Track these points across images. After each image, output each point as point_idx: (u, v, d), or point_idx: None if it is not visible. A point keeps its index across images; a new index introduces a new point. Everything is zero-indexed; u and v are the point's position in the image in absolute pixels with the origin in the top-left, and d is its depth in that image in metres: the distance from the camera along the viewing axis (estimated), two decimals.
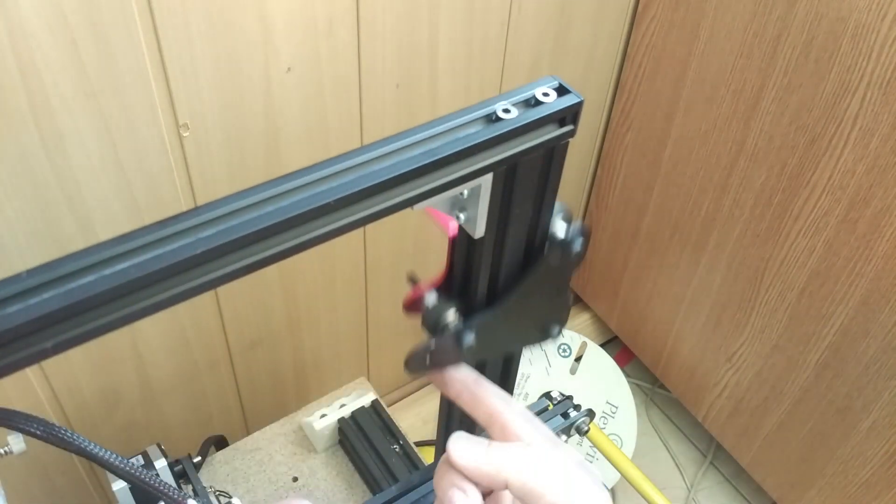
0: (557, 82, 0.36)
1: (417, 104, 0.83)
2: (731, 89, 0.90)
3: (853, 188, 0.81)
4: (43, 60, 0.56)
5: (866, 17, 0.73)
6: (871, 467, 0.94)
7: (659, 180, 1.06)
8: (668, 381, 1.24)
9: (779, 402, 1.03)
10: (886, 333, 0.85)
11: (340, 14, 0.70)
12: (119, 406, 0.82)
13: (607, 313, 1.31)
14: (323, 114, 0.75)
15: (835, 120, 0.80)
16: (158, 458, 0.65)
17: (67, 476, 0.84)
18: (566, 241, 0.40)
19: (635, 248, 1.16)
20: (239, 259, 0.29)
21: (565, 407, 0.59)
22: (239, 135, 0.71)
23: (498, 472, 0.36)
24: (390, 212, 0.32)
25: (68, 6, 0.54)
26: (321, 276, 0.90)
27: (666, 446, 1.31)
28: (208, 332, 0.84)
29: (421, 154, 0.32)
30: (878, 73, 0.74)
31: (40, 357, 0.25)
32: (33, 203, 0.63)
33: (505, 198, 0.37)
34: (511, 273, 0.43)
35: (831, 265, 0.88)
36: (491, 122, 0.34)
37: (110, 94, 0.60)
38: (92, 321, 0.26)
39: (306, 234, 0.30)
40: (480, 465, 0.36)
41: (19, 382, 0.72)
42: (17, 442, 0.53)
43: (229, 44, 0.64)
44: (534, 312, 0.46)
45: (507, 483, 0.36)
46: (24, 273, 0.25)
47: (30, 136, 0.59)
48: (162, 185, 0.69)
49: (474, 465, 0.36)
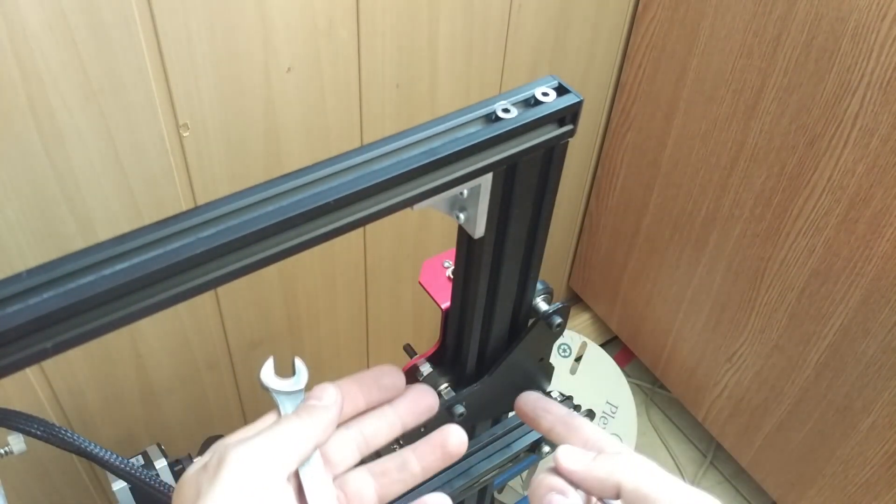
0: (557, 82, 0.36)
1: (417, 104, 0.83)
2: (731, 89, 0.90)
3: (853, 188, 0.81)
4: (43, 60, 0.56)
5: (866, 17, 0.73)
6: (871, 467, 0.94)
7: (659, 180, 1.06)
8: (668, 381, 1.24)
9: (779, 402, 1.03)
10: (886, 333, 0.85)
11: (340, 14, 0.70)
12: (119, 406, 0.82)
13: (607, 313, 1.31)
14: (323, 114, 0.75)
15: (835, 120, 0.80)
16: (158, 458, 0.65)
17: (67, 476, 0.84)
18: (548, 312, 0.45)
19: (635, 248, 1.16)
20: (239, 259, 0.29)
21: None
22: (239, 135, 0.71)
23: (610, 474, 0.36)
24: (390, 212, 0.32)
25: (68, 6, 0.54)
26: (321, 276, 0.90)
27: (666, 446, 1.31)
28: (208, 332, 0.84)
29: (421, 154, 0.32)
30: (878, 73, 0.74)
31: (40, 357, 0.25)
32: (33, 203, 0.63)
33: (505, 197, 0.37)
34: (499, 342, 0.47)
35: (831, 265, 0.88)
36: (491, 122, 0.34)
37: (110, 94, 0.60)
38: (92, 321, 0.26)
39: (306, 234, 0.30)
40: (591, 468, 0.37)
41: (19, 382, 0.72)
42: (18, 442, 0.53)
43: (229, 44, 0.64)
44: (519, 380, 0.49)
45: (619, 487, 0.36)
46: (24, 273, 0.25)
47: (30, 136, 0.59)
48: (162, 185, 0.69)
49: (585, 468, 0.37)
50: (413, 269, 0.99)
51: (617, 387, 1.25)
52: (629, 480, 0.36)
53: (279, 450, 0.33)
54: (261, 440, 0.33)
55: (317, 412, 0.36)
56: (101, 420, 0.82)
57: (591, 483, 0.37)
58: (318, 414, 0.36)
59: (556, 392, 0.57)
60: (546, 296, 0.47)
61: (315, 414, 0.35)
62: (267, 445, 0.33)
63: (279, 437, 0.34)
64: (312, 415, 0.35)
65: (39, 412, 0.75)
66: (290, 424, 0.35)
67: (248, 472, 0.32)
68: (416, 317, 1.07)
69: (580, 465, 0.37)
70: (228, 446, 0.33)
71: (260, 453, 0.32)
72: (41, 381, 0.73)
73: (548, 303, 0.47)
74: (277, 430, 0.34)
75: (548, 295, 0.47)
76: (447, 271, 0.46)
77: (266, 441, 0.33)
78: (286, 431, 0.34)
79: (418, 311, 1.06)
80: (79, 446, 0.49)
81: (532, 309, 0.46)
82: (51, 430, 0.48)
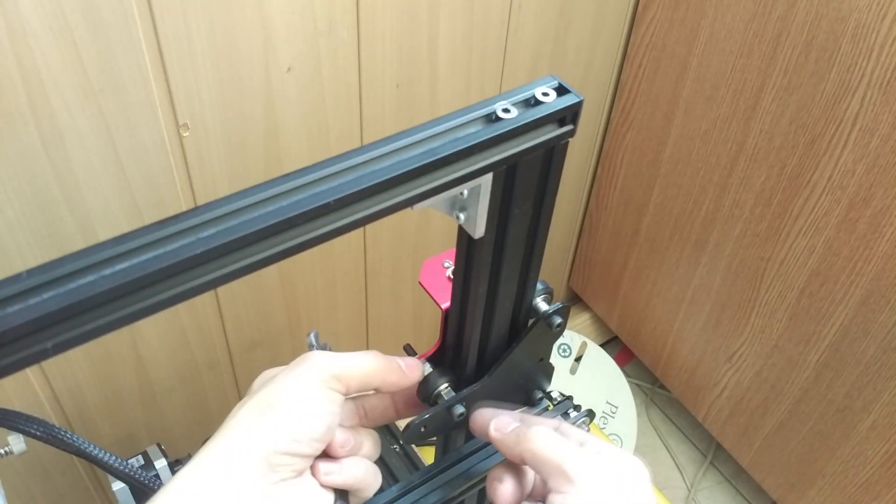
0: (557, 82, 0.36)
1: (417, 104, 0.83)
2: (731, 89, 0.90)
3: (853, 188, 0.81)
4: (43, 60, 0.56)
5: (866, 17, 0.73)
6: (871, 467, 0.94)
7: (659, 180, 1.06)
8: (668, 381, 1.24)
9: (779, 402, 1.03)
10: (886, 333, 0.85)
11: (340, 14, 0.70)
12: (119, 406, 0.82)
13: (607, 313, 1.31)
14: (323, 114, 0.75)
15: (835, 120, 0.80)
16: (158, 458, 0.65)
17: (67, 476, 0.84)
18: (548, 312, 0.46)
19: (635, 248, 1.16)
20: (239, 259, 0.29)
21: (565, 407, 0.59)
22: (239, 135, 0.71)
23: (516, 443, 0.40)
24: (390, 212, 0.32)
25: (68, 6, 0.54)
26: (321, 276, 0.90)
27: (666, 446, 1.31)
28: (208, 332, 0.84)
29: (421, 154, 0.32)
30: (878, 73, 0.74)
31: (40, 357, 0.25)
32: (33, 203, 0.63)
33: (505, 197, 0.37)
34: (499, 343, 0.47)
35: (831, 265, 0.88)
36: (491, 122, 0.34)
37: (110, 94, 0.60)
38: (92, 321, 0.26)
39: (306, 234, 0.30)
40: (505, 437, 0.41)
41: (19, 382, 0.72)
42: (18, 442, 0.53)
43: (229, 44, 0.64)
44: (519, 380, 0.50)
45: (522, 456, 0.39)
46: (23, 273, 0.25)
47: (30, 136, 0.59)
48: (162, 185, 0.69)
49: (501, 437, 0.41)
50: (413, 269, 0.99)
51: (617, 387, 1.25)
52: (528, 449, 0.39)
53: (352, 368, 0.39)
54: (344, 357, 0.39)
55: (396, 371, 0.41)
56: (101, 420, 0.82)
57: (506, 451, 0.41)
58: (395, 372, 0.41)
59: (556, 392, 0.57)
60: (546, 296, 0.47)
61: (394, 370, 0.41)
62: (346, 361, 0.39)
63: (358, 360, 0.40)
64: (392, 367, 0.41)
65: (39, 412, 0.75)
66: (373, 358, 0.40)
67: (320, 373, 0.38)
68: (415, 317, 1.07)
69: (498, 435, 0.41)
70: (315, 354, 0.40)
71: (336, 363, 0.39)
72: (41, 381, 0.73)
73: (548, 303, 0.47)
74: (362, 356, 0.40)
75: (548, 295, 0.47)
76: (447, 271, 0.46)
77: (346, 358, 0.39)
78: (366, 361, 0.40)
79: (418, 311, 1.06)
80: (78, 447, 0.49)
81: (532, 309, 0.46)
82: (50, 431, 0.48)
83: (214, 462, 0.35)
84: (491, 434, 0.42)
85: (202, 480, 0.34)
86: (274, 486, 0.36)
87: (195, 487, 0.34)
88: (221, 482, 0.34)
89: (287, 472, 0.36)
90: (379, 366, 0.41)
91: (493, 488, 0.42)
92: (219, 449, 0.35)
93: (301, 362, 0.39)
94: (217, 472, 0.34)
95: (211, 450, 0.35)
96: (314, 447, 0.37)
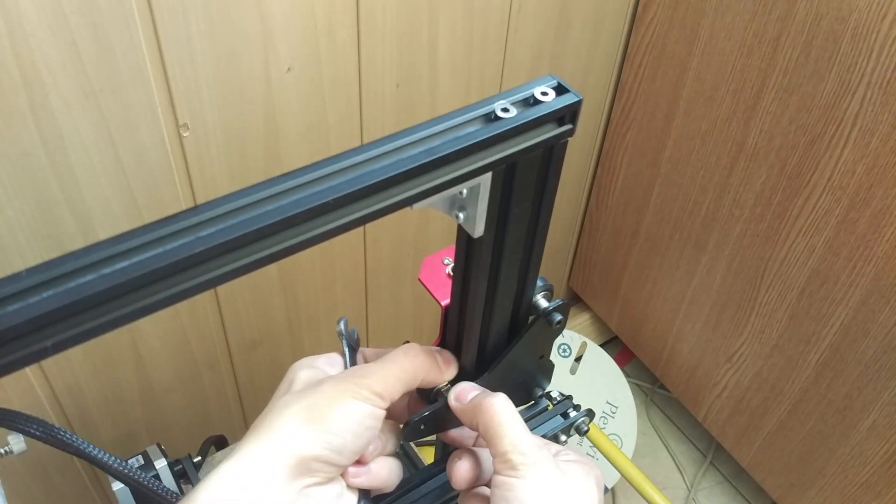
0: (556, 81, 0.36)
1: (417, 104, 0.83)
2: (731, 89, 0.90)
3: (853, 188, 0.81)
4: (43, 60, 0.56)
5: (866, 17, 0.73)
6: (871, 467, 0.94)
7: (659, 180, 1.06)
8: (668, 381, 1.24)
9: (779, 402, 1.03)
10: (886, 333, 0.85)
11: (340, 13, 0.70)
12: (119, 406, 0.82)
13: (607, 313, 1.31)
14: (323, 113, 0.75)
15: (835, 120, 0.80)
16: (158, 458, 0.65)
17: (67, 476, 0.84)
18: (548, 309, 0.46)
19: (635, 248, 1.16)
20: (239, 258, 0.29)
21: (565, 407, 0.59)
22: (239, 135, 0.71)
23: (474, 415, 0.41)
24: (390, 211, 0.32)
25: (68, 6, 0.54)
26: (321, 276, 0.90)
27: (666, 446, 1.31)
28: (208, 332, 0.84)
29: (420, 153, 0.32)
30: (878, 73, 0.74)
31: (40, 357, 0.25)
32: (33, 203, 0.63)
33: (504, 197, 0.37)
34: (498, 340, 0.47)
35: (831, 265, 0.88)
36: (490, 122, 0.34)
37: (110, 94, 0.60)
38: (91, 320, 0.26)
39: (306, 233, 0.30)
40: (464, 408, 0.42)
41: (19, 382, 0.72)
42: (17, 442, 0.53)
43: (229, 44, 0.64)
44: (519, 378, 0.50)
45: (478, 424, 0.41)
46: (23, 272, 0.25)
47: (30, 136, 0.59)
48: (162, 184, 0.69)
49: (461, 407, 0.43)
50: (413, 268, 0.99)
51: (617, 387, 1.25)
52: (482, 420, 0.40)
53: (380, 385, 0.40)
54: (387, 370, 0.41)
55: (434, 371, 0.44)
56: (101, 420, 0.82)
57: (466, 421, 0.42)
58: (433, 372, 0.44)
59: (556, 392, 0.57)
60: (546, 293, 0.47)
61: (431, 370, 0.43)
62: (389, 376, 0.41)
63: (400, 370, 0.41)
64: (430, 367, 0.43)
65: (39, 412, 0.75)
66: (412, 362, 0.42)
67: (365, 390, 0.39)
68: (416, 317, 1.07)
69: (457, 405, 0.43)
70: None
71: (381, 383, 0.40)
72: (41, 381, 0.73)
73: (548, 300, 0.47)
74: (403, 361, 0.42)
75: (548, 292, 0.47)
76: (447, 268, 0.46)
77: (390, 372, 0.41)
78: (407, 369, 0.42)
79: (418, 311, 1.06)
80: (77, 447, 0.49)
81: (532, 306, 0.46)
82: (50, 431, 0.48)
83: (258, 462, 0.36)
84: (451, 403, 0.43)
85: (244, 479, 0.35)
86: (306, 488, 0.37)
87: (237, 484, 0.35)
88: (262, 483, 0.35)
89: (321, 477, 0.38)
90: (417, 370, 0.42)
91: (450, 467, 0.43)
92: (261, 449, 0.36)
93: (348, 376, 0.40)
94: (258, 473, 0.36)
95: (253, 449, 0.36)
96: (352, 459, 0.39)
